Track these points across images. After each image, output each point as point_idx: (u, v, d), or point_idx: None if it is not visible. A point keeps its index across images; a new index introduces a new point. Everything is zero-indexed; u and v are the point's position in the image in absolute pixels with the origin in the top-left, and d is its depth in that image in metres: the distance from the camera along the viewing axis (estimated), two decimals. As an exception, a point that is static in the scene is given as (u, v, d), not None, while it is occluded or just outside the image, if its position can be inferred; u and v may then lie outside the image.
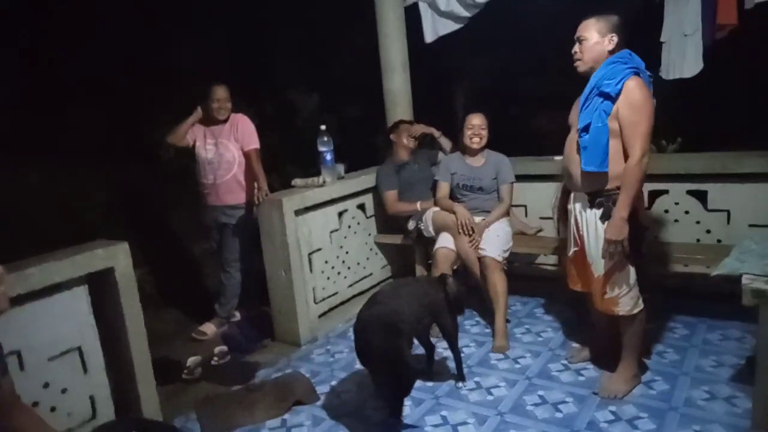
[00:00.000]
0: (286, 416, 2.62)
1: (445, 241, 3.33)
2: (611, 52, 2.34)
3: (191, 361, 3.16)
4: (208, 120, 3.57)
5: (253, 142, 3.55)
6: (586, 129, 2.32)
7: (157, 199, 5.38)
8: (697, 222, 3.34)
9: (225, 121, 3.57)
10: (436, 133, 3.97)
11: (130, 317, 2.49)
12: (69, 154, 4.99)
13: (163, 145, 3.74)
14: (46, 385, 2.23)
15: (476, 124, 3.41)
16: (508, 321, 3.29)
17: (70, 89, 5.26)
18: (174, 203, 5.28)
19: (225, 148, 3.54)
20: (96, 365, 2.41)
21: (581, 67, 2.41)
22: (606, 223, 2.34)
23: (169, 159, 5.34)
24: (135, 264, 2.52)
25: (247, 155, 3.54)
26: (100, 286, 2.44)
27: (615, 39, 2.33)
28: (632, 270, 2.41)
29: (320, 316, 3.64)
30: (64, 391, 2.29)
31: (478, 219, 3.37)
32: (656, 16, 3.58)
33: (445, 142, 3.94)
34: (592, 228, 2.41)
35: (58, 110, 5.17)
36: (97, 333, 2.42)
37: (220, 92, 3.50)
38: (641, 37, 3.58)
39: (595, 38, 2.35)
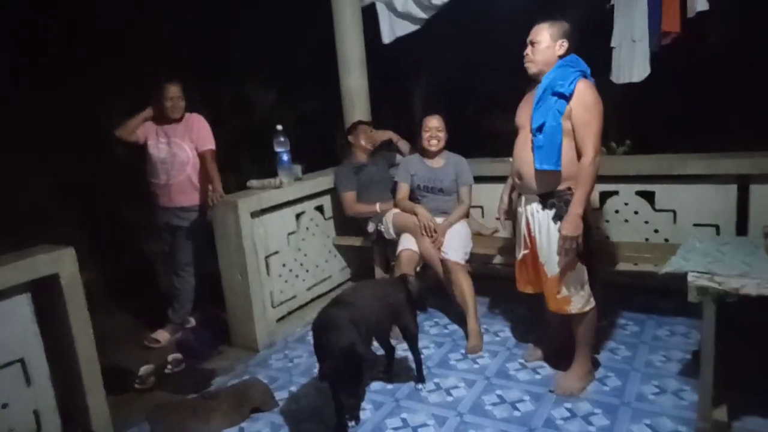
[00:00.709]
0: (243, 424, 2.57)
1: (408, 243, 3.33)
2: (560, 57, 2.42)
3: (144, 369, 3.05)
4: (161, 118, 3.46)
5: (209, 143, 3.46)
6: (540, 129, 2.36)
7: (107, 197, 5.17)
8: (646, 222, 3.46)
9: (179, 120, 3.46)
10: (395, 138, 3.98)
11: (77, 325, 2.38)
12: (10, 144, 4.72)
13: (112, 139, 3.61)
14: (-16, 401, 2.11)
15: (433, 126, 3.43)
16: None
17: (15, 74, 4.98)
18: (125, 201, 5.09)
19: (179, 147, 3.44)
20: (40, 377, 2.29)
21: (532, 68, 2.48)
22: (561, 221, 2.39)
23: (121, 155, 5.14)
24: (83, 266, 2.41)
25: (202, 156, 3.44)
26: (45, 292, 2.32)
27: (565, 45, 2.41)
28: (583, 268, 2.48)
29: (278, 321, 3.59)
30: (4, 406, 2.17)
31: (438, 220, 3.39)
32: (608, 21, 3.69)
33: (404, 145, 3.95)
34: (545, 229, 2.46)
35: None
36: (41, 343, 2.30)
37: (173, 90, 3.40)
38: (596, 40, 3.71)
39: (546, 42, 2.42)
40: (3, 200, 4.46)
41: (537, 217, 2.49)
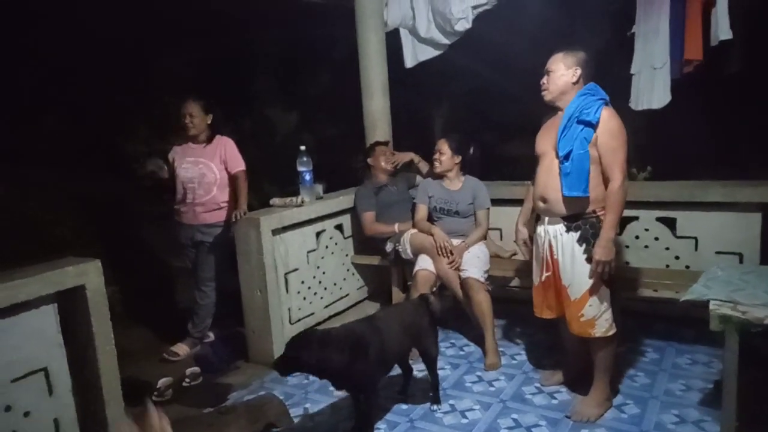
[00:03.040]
0: (258, 440, 2.57)
1: (425, 263, 3.35)
2: (575, 84, 2.47)
3: (162, 382, 3.08)
4: (187, 139, 3.55)
5: (241, 164, 3.56)
6: (567, 156, 2.40)
7: (130, 215, 5.28)
8: (667, 248, 3.43)
9: (207, 141, 3.54)
10: (416, 159, 4.02)
11: (100, 337, 2.41)
12: (39, 165, 4.88)
13: (139, 160, 3.73)
14: (7, 409, 2.14)
15: (437, 149, 3.50)
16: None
17: (43, 99, 5.16)
18: (148, 219, 5.19)
19: (207, 168, 3.51)
20: (62, 387, 2.33)
21: (547, 96, 2.54)
22: (588, 245, 2.41)
23: (145, 174, 5.26)
24: (106, 281, 2.46)
25: (235, 176, 3.53)
26: (70, 304, 2.37)
27: (579, 72, 2.46)
28: (608, 292, 2.48)
29: (295, 337, 3.60)
30: (26, 414, 2.20)
31: (455, 242, 3.41)
32: (627, 49, 3.72)
33: (424, 166, 3.99)
34: (569, 251, 2.47)
35: (28, 120, 5.07)
36: (64, 353, 2.34)
37: (189, 107, 3.47)
38: (613, 68, 3.74)
39: (561, 71, 2.48)
40: (31, 217, 4.60)
41: (560, 239, 2.50)
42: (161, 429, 1.28)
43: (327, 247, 3.90)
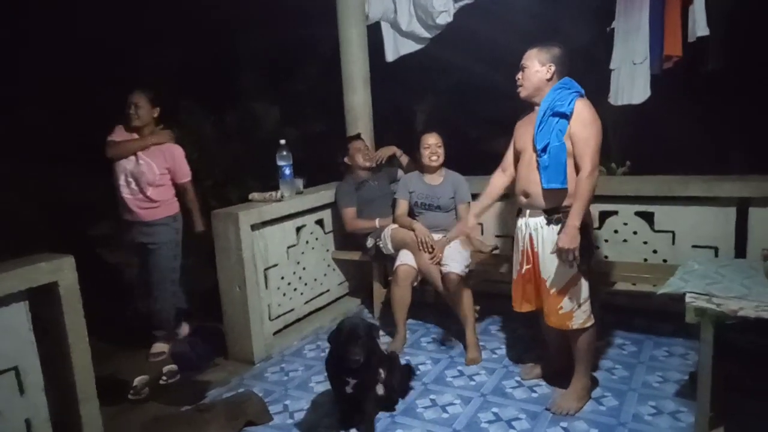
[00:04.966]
0: (237, 437, 2.55)
1: (406, 258, 3.34)
2: (549, 80, 2.49)
3: (138, 380, 3.03)
4: (130, 129, 3.37)
5: (187, 174, 3.46)
6: (545, 149, 2.41)
7: (108, 210, 5.18)
8: (645, 242, 3.46)
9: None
10: (398, 152, 4.00)
11: (73, 334, 2.36)
12: (17, 159, 4.75)
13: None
14: (-25, 409, 2.10)
15: (432, 143, 3.47)
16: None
17: (23, 92, 5.05)
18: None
19: (148, 167, 3.32)
20: (34, 386, 2.27)
21: (522, 92, 2.56)
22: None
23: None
24: (83, 278, 2.41)
25: (183, 186, 3.45)
26: (42, 300, 2.31)
27: (553, 68, 2.48)
28: (586, 284, 2.49)
29: (275, 334, 3.57)
30: (-4, 414, 2.15)
31: (436, 236, 3.40)
32: (605, 44, 3.75)
33: (405, 160, 3.97)
34: (549, 244, 2.48)
35: (6, 112, 4.95)
36: (36, 351, 2.29)
37: (135, 97, 3.31)
38: (596, 63, 3.75)
39: (536, 67, 2.50)
40: (8, 214, 4.49)
41: (541, 232, 2.51)
42: None
43: (307, 242, 3.87)
